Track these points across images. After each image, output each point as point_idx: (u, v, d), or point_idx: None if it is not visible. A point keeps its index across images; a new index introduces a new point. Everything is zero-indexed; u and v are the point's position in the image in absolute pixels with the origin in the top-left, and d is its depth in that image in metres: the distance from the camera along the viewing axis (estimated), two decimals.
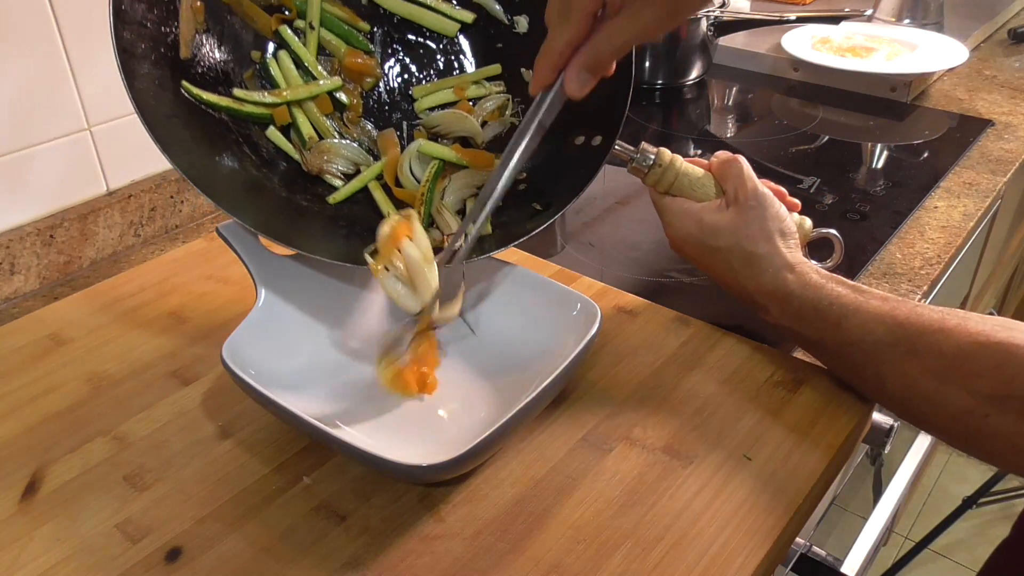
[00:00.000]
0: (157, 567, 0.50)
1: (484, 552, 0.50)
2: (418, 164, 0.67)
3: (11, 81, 0.75)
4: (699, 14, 1.21)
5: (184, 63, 0.61)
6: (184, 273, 0.78)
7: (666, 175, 0.65)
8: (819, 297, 0.59)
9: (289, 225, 0.61)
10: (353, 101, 0.68)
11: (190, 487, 0.55)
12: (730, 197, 0.64)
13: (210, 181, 0.58)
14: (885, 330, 0.55)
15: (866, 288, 0.58)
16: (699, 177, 0.65)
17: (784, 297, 0.60)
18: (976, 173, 0.98)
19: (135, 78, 0.56)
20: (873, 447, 0.68)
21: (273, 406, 0.52)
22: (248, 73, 0.65)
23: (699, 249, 0.65)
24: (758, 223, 0.62)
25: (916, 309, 0.55)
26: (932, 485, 1.87)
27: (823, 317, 0.58)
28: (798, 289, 0.60)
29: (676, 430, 0.59)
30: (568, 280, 0.74)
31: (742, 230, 0.62)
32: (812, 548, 0.70)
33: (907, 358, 0.54)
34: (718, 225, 0.63)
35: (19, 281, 0.79)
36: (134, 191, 0.85)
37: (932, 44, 1.24)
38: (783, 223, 0.62)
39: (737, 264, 0.62)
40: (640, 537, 0.51)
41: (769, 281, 0.61)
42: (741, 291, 0.64)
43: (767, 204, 0.62)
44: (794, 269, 0.60)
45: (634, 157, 0.65)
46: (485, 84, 0.70)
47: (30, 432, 0.60)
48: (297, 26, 0.66)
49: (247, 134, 0.64)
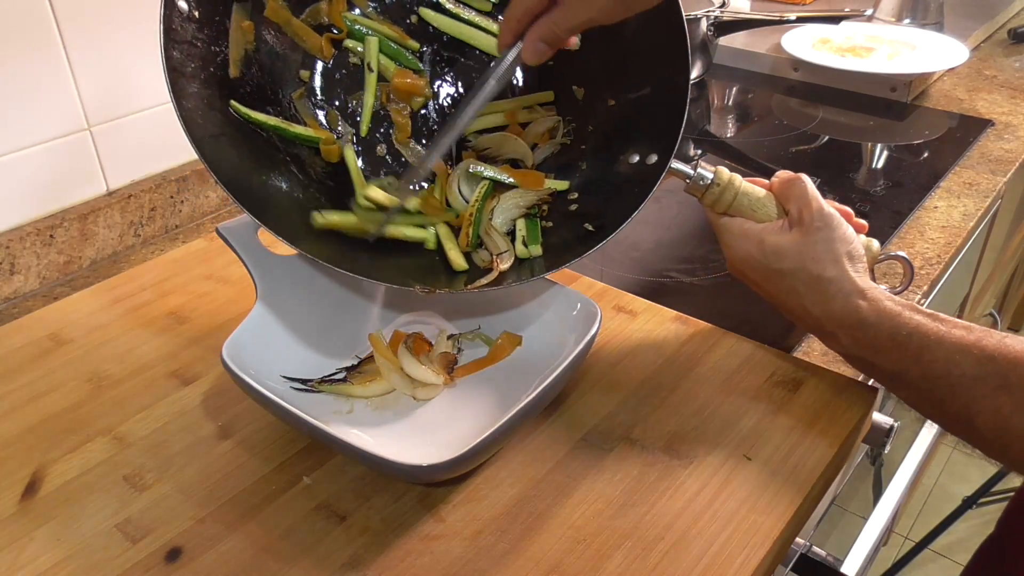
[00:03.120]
0: (157, 567, 0.50)
1: (484, 552, 0.50)
2: (467, 185, 0.65)
3: (11, 81, 0.75)
4: (699, 14, 1.21)
5: (233, 82, 0.60)
6: (184, 273, 0.78)
7: (725, 195, 0.61)
8: (896, 326, 0.54)
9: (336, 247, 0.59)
10: (402, 122, 0.67)
11: (190, 487, 0.55)
12: (794, 218, 0.59)
13: (255, 200, 0.57)
14: (972, 362, 0.51)
15: (945, 317, 0.54)
16: (760, 197, 0.61)
17: (856, 325, 0.56)
18: (976, 173, 0.98)
19: (184, 97, 0.56)
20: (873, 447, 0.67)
21: (273, 406, 0.52)
22: (297, 93, 0.65)
23: (761, 272, 0.60)
24: (825, 245, 0.57)
25: (1004, 340, 0.51)
26: (932, 485, 1.87)
27: (901, 348, 0.54)
28: (872, 317, 0.55)
29: (676, 430, 0.59)
30: (568, 280, 0.74)
31: (808, 251, 0.57)
32: (812, 548, 0.70)
33: (999, 393, 0.50)
34: (781, 246, 0.58)
35: (19, 281, 0.79)
36: (134, 191, 0.85)
37: (932, 44, 1.24)
38: (851, 245, 0.58)
39: (803, 288, 0.58)
40: (640, 537, 0.51)
41: (839, 308, 0.56)
42: (808, 318, 0.59)
43: (834, 225, 0.58)
44: (866, 295, 0.56)
45: (691, 176, 0.61)
46: (537, 108, 0.69)
47: (30, 432, 0.60)
48: (347, 46, 0.66)
49: (296, 154, 0.63)
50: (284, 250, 0.64)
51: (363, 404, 0.60)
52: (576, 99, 0.68)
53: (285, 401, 0.52)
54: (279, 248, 0.63)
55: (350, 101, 0.66)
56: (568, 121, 0.68)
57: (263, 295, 0.61)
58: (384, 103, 0.67)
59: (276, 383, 0.58)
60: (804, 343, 0.71)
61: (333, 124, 0.66)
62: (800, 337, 0.72)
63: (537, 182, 0.65)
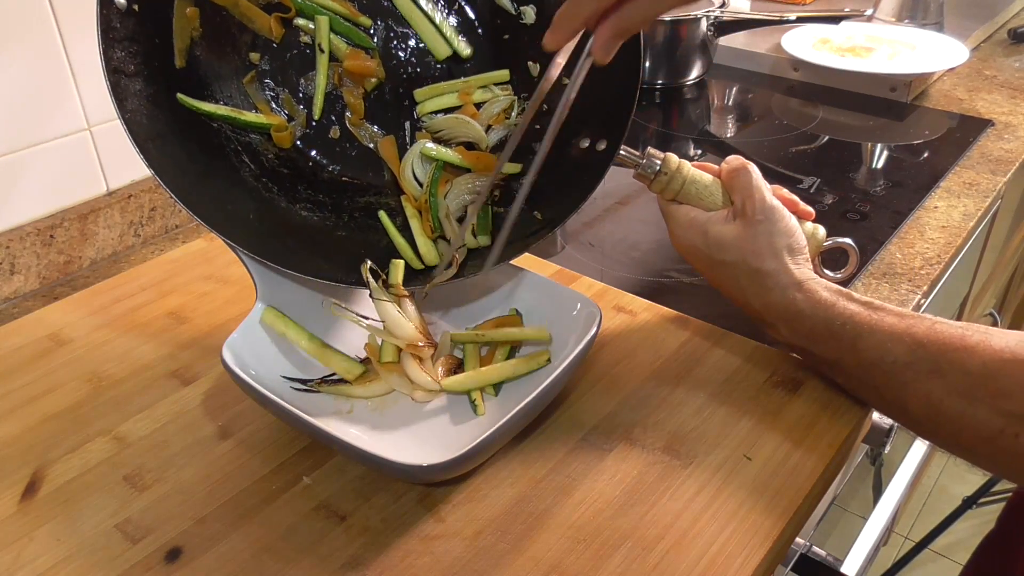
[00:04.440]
0: (157, 567, 0.50)
1: (484, 552, 0.50)
2: (420, 167, 0.65)
3: (11, 81, 0.75)
4: (699, 14, 1.21)
5: (179, 74, 0.60)
6: (184, 273, 0.78)
7: (673, 182, 0.62)
8: (830, 316, 0.56)
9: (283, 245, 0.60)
10: (355, 103, 0.67)
11: (190, 487, 0.55)
12: (738, 209, 0.61)
13: (205, 202, 0.57)
14: (904, 349, 0.53)
15: (879, 303, 0.56)
16: (707, 185, 0.63)
17: (794, 316, 0.58)
18: (976, 173, 0.98)
19: (126, 99, 0.55)
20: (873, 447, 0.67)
21: (273, 406, 0.52)
22: (248, 77, 0.64)
23: (705, 262, 0.62)
24: (765, 238, 0.59)
25: (935, 326, 0.53)
26: (932, 485, 1.87)
27: (837, 337, 0.56)
28: (808, 308, 0.57)
29: (676, 430, 0.59)
30: (568, 280, 0.74)
31: (748, 245, 0.59)
32: (812, 548, 0.70)
33: (930, 378, 0.52)
34: (724, 238, 0.60)
35: (19, 281, 0.79)
36: (134, 191, 0.85)
37: (932, 44, 1.24)
38: (792, 238, 0.60)
39: (744, 280, 0.60)
40: (640, 537, 0.51)
41: (777, 299, 0.59)
42: (749, 308, 0.62)
43: (776, 218, 0.60)
44: (802, 287, 0.58)
45: (639, 163, 0.62)
46: (492, 88, 0.68)
47: (30, 432, 0.60)
48: (297, 24, 0.65)
49: (247, 142, 0.63)
50: None
51: (363, 404, 0.60)
52: (531, 76, 0.68)
53: (285, 401, 0.52)
54: None
55: (302, 83, 0.66)
56: (523, 99, 0.68)
57: (263, 295, 0.61)
58: (337, 84, 0.66)
59: (276, 383, 0.58)
60: None
61: (289, 107, 0.65)
62: None
63: (489, 165, 0.64)
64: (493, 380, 0.60)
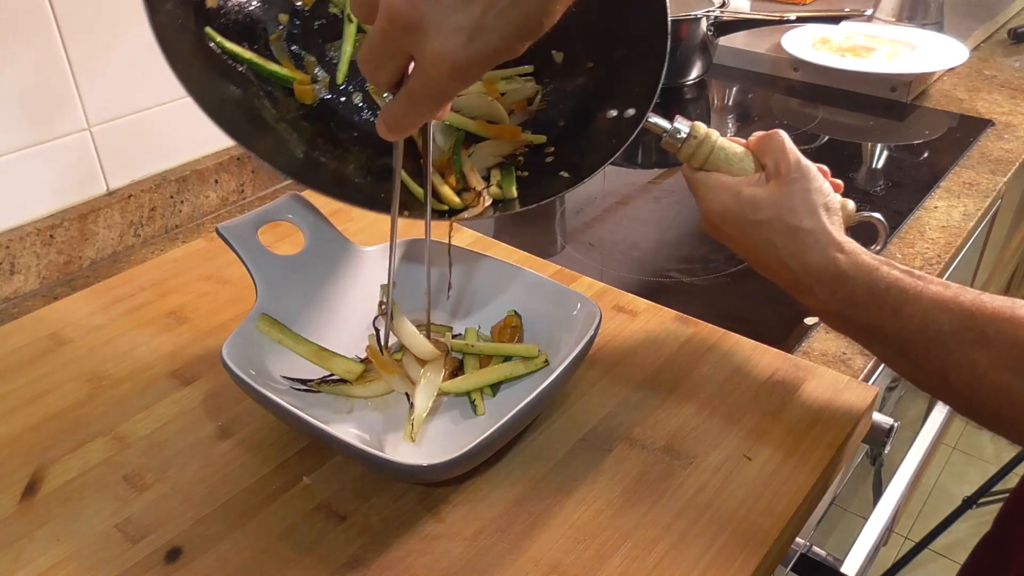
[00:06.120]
0: (157, 567, 0.50)
1: (484, 552, 0.50)
2: (442, 136, 0.65)
3: (11, 81, 0.75)
4: (699, 14, 1.21)
5: (209, 12, 0.59)
6: (184, 273, 0.78)
7: (701, 149, 0.61)
8: (874, 280, 0.54)
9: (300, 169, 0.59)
10: None
11: (190, 487, 0.55)
12: (771, 170, 0.59)
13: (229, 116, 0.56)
14: (950, 317, 0.51)
15: (922, 273, 0.54)
16: (736, 152, 0.61)
17: (834, 278, 0.55)
18: (976, 173, 0.98)
19: (158, 12, 0.54)
20: (873, 447, 0.67)
21: (273, 406, 0.52)
22: (275, 35, 0.63)
23: (737, 225, 0.59)
24: (801, 196, 0.57)
25: (981, 297, 0.51)
26: (932, 485, 1.87)
27: (879, 302, 0.53)
28: (851, 270, 0.54)
29: (676, 430, 0.59)
30: (568, 280, 0.74)
31: (784, 202, 0.57)
32: (812, 548, 0.70)
33: (975, 348, 0.50)
34: (758, 197, 0.58)
35: (19, 281, 0.79)
36: (134, 191, 0.85)
37: (932, 44, 1.24)
38: (827, 198, 0.58)
39: (780, 240, 0.57)
40: (640, 537, 0.51)
41: (816, 260, 0.56)
42: (784, 272, 0.58)
43: (811, 176, 0.58)
44: (843, 248, 0.55)
45: (667, 130, 0.61)
46: (516, 79, 0.68)
47: (30, 432, 0.60)
48: None
49: (269, 91, 0.62)
50: (284, 250, 0.64)
51: (363, 404, 0.60)
52: (555, 63, 0.68)
53: (285, 401, 0.52)
54: (279, 248, 0.64)
55: (328, 50, 0.66)
56: (546, 83, 0.68)
57: (263, 295, 0.61)
58: None
59: (276, 383, 0.58)
60: (804, 343, 0.71)
61: (310, 70, 0.65)
62: (800, 337, 0.72)
63: (514, 135, 0.64)
64: (492, 381, 0.60)
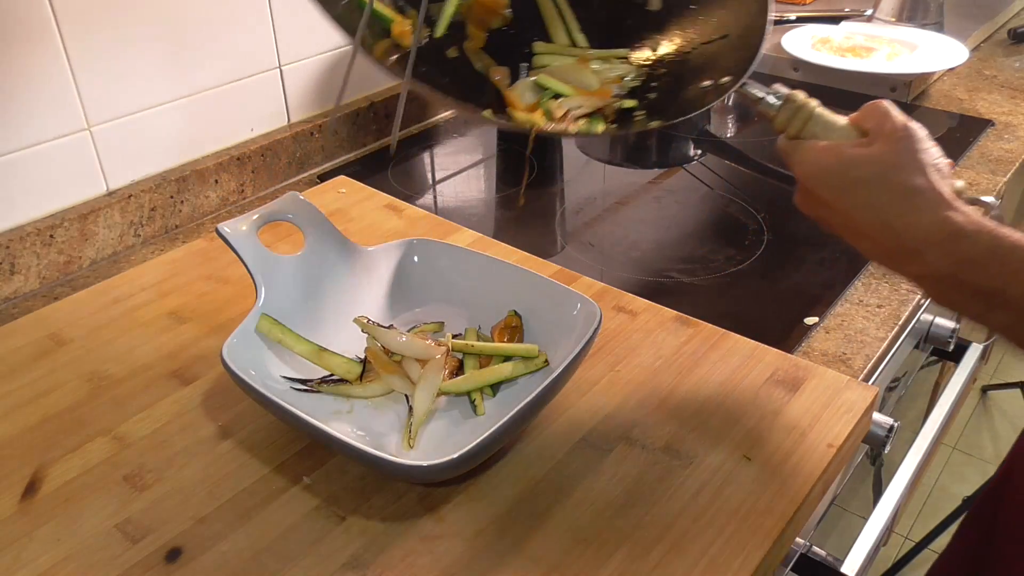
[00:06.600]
0: (157, 567, 0.50)
1: (484, 552, 0.50)
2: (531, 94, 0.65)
3: (11, 80, 0.75)
4: None
5: None
6: (184, 273, 0.78)
7: (798, 116, 0.59)
8: (996, 238, 0.49)
9: None
10: (477, 33, 0.67)
11: (190, 487, 0.55)
12: (875, 132, 0.55)
13: None
14: None
15: None
16: (836, 121, 0.59)
17: (949, 237, 0.50)
18: (976, 173, 0.98)
19: None
20: (873, 447, 0.67)
21: (273, 406, 0.52)
22: None
23: (836, 187, 0.55)
24: (910, 154, 0.53)
25: None
26: (932, 485, 1.87)
27: (1003, 262, 0.49)
28: (970, 228, 0.50)
29: (676, 430, 0.59)
30: (568, 280, 0.74)
31: (892, 159, 0.53)
32: (812, 548, 0.70)
33: None
34: (862, 155, 0.54)
35: (19, 281, 0.79)
36: (134, 191, 0.85)
37: (932, 44, 1.23)
38: (937, 159, 0.53)
39: (885, 198, 0.52)
40: (640, 537, 0.51)
41: (928, 219, 0.51)
42: (885, 234, 0.53)
43: (920, 136, 0.54)
44: (958, 208, 0.51)
45: (763, 98, 0.60)
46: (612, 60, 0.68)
47: (30, 432, 0.60)
48: None
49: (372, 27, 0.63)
50: (284, 250, 0.64)
51: (363, 404, 0.60)
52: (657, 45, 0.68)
53: (285, 401, 0.52)
54: (279, 248, 0.64)
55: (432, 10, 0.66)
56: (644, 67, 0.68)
57: (263, 295, 0.61)
58: (464, 14, 0.67)
59: (276, 383, 0.58)
60: (804, 343, 0.71)
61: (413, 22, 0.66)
62: (800, 337, 0.72)
63: (604, 95, 0.64)
64: (492, 381, 0.60)
